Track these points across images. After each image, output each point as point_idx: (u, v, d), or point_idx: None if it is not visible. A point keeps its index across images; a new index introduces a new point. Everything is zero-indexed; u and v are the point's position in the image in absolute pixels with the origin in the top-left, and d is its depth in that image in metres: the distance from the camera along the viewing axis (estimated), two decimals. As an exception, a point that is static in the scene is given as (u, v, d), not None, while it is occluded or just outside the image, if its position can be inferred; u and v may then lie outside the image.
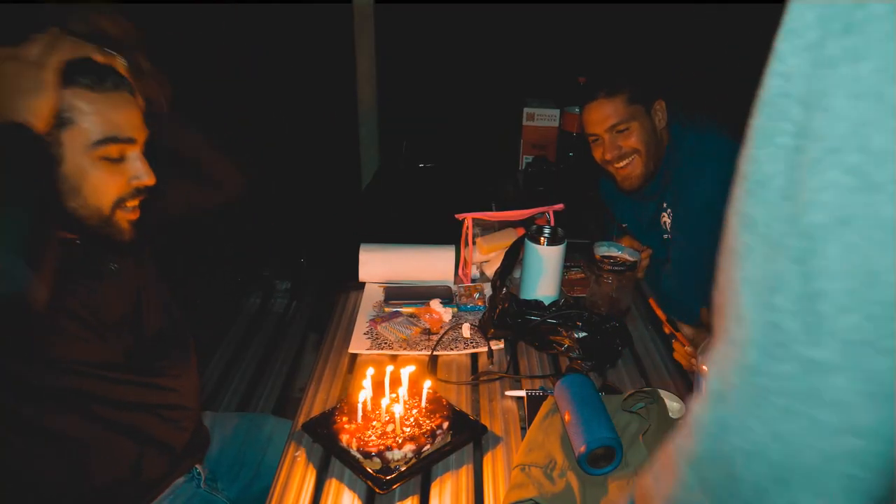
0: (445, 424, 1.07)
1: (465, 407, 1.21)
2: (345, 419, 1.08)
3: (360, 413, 1.08)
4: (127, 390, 1.12)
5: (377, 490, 0.99)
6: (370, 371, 1.14)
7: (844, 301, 0.39)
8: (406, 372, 1.13)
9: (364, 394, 1.09)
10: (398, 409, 1.08)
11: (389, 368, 1.16)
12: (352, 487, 1.02)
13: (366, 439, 1.04)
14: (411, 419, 1.08)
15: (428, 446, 1.04)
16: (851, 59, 0.37)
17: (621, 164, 1.69)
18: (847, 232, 0.38)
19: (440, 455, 1.06)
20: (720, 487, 0.45)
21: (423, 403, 1.11)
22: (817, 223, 0.39)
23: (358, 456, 1.03)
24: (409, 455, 1.03)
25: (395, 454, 1.02)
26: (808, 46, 0.39)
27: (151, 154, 1.08)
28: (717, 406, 0.45)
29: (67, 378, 1.05)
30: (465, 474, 1.05)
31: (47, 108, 0.92)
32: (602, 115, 1.66)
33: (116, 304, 1.13)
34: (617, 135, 1.67)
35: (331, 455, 1.08)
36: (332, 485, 1.03)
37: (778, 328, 0.41)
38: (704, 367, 1.02)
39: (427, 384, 1.13)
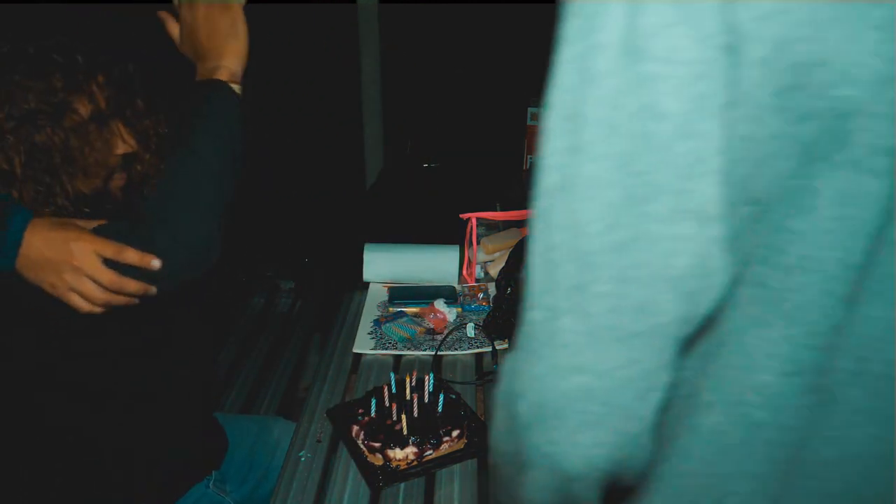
0: (455, 433, 1.07)
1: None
2: (361, 410, 1.10)
3: (373, 407, 1.09)
4: None
5: (368, 485, 1.01)
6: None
7: (565, 251, 0.44)
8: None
9: (377, 390, 1.11)
10: (409, 410, 1.08)
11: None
12: (358, 479, 1.03)
13: (374, 434, 1.05)
14: (425, 422, 1.08)
15: (431, 451, 1.04)
16: (573, 38, 0.42)
17: None
18: (566, 189, 0.43)
19: (447, 461, 1.05)
20: (506, 424, 0.50)
21: (440, 409, 1.10)
22: (551, 184, 0.44)
23: (363, 448, 1.04)
24: (412, 457, 1.03)
25: (398, 453, 1.02)
26: (560, 24, 0.44)
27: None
28: (509, 354, 0.50)
29: None
30: (470, 474, 1.04)
31: None
32: None
33: None
34: None
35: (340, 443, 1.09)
36: (340, 474, 1.04)
37: (532, 279, 0.46)
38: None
39: (441, 391, 1.13)
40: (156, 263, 0.92)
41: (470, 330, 1.43)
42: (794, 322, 0.46)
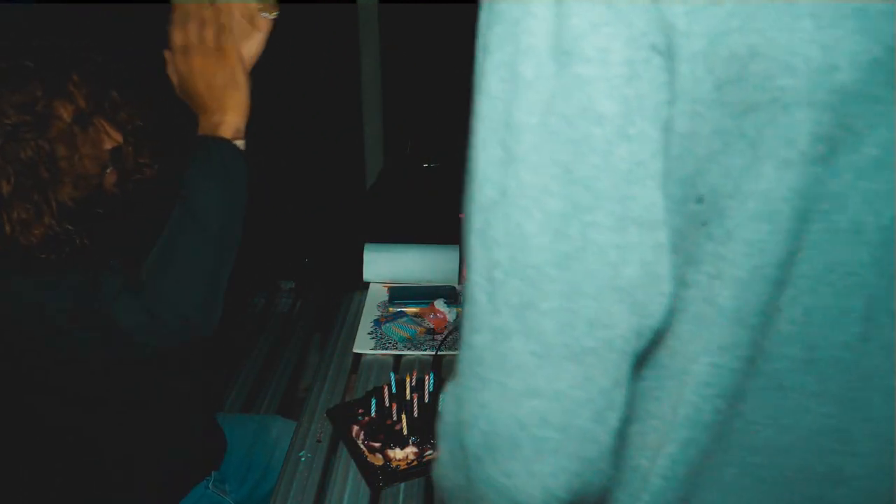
0: None
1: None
2: (361, 410, 1.10)
3: (373, 407, 1.09)
4: None
5: (368, 485, 1.01)
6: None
7: (508, 267, 0.41)
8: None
9: (377, 390, 1.11)
10: (409, 410, 1.08)
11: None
12: (358, 479, 1.04)
13: (374, 434, 1.05)
14: (425, 422, 1.08)
15: (431, 451, 1.04)
16: (497, 45, 0.41)
17: None
18: (505, 202, 0.41)
19: None
20: (453, 458, 0.47)
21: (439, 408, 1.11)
22: (486, 198, 0.42)
23: (363, 448, 1.04)
24: (412, 457, 1.03)
25: (398, 453, 1.02)
26: (479, 34, 0.43)
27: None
28: (453, 381, 0.47)
29: None
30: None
31: None
32: None
33: None
34: None
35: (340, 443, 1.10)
36: (340, 474, 1.05)
37: (473, 300, 0.43)
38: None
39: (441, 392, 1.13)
40: None
41: (470, 330, 1.43)
42: (736, 303, 0.44)
